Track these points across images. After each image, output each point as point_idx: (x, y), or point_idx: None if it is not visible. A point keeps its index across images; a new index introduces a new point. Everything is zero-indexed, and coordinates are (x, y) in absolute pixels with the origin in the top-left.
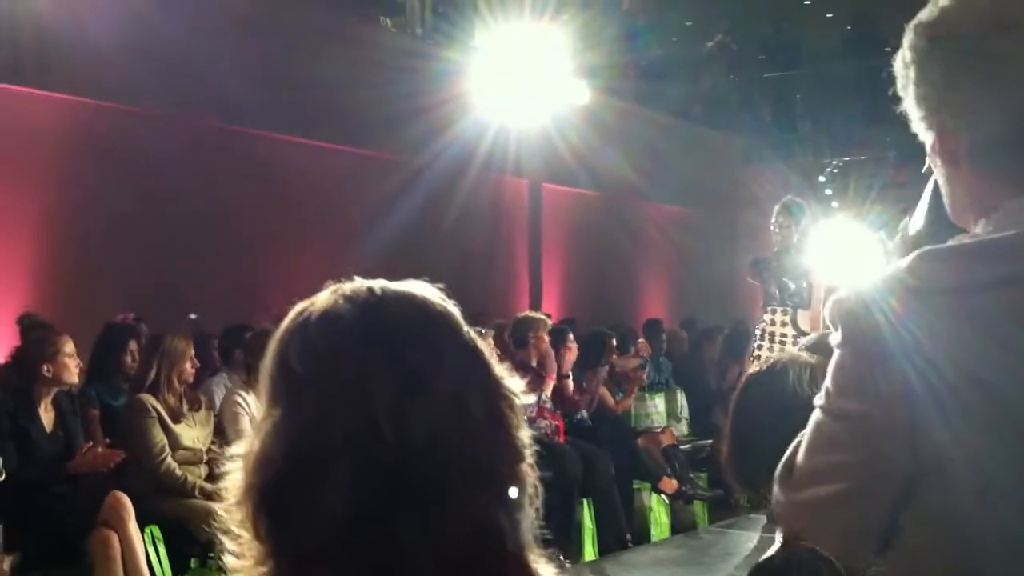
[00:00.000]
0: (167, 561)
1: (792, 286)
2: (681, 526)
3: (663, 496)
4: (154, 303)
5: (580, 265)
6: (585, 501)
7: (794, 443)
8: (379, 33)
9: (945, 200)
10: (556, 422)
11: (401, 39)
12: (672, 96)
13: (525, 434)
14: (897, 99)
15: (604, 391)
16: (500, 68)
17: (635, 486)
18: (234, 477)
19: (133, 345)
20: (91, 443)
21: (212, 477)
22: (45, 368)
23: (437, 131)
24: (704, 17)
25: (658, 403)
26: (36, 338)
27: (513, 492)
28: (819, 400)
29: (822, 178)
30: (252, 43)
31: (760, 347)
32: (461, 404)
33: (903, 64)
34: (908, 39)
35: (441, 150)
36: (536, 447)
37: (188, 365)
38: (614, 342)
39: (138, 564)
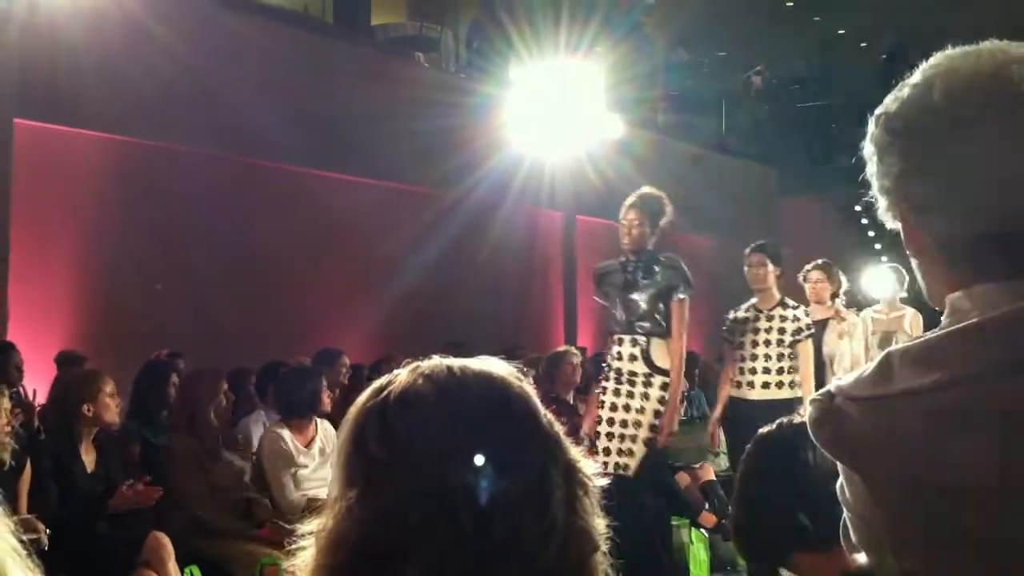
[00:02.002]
0: None
1: (643, 306)
2: (720, 563)
3: (703, 531)
4: (190, 340)
5: None
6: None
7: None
8: (414, 69)
9: (922, 286)
10: (591, 457)
11: (436, 74)
12: (705, 128)
13: (600, 522)
14: None
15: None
16: (534, 102)
17: (674, 522)
18: (305, 554)
19: (175, 379)
20: (131, 481)
21: (250, 517)
22: (86, 408)
23: (472, 165)
24: (737, 49)
25: (695, 438)
26: (76, 378)
27: None
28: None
29: (858, 208)
30: (288, 80)
31: (604, 389)
32: (540, 494)
33: (868, 153)
34: (871, 129)
35: (476, 183)
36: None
37: (224, 401)
38: None
39: None
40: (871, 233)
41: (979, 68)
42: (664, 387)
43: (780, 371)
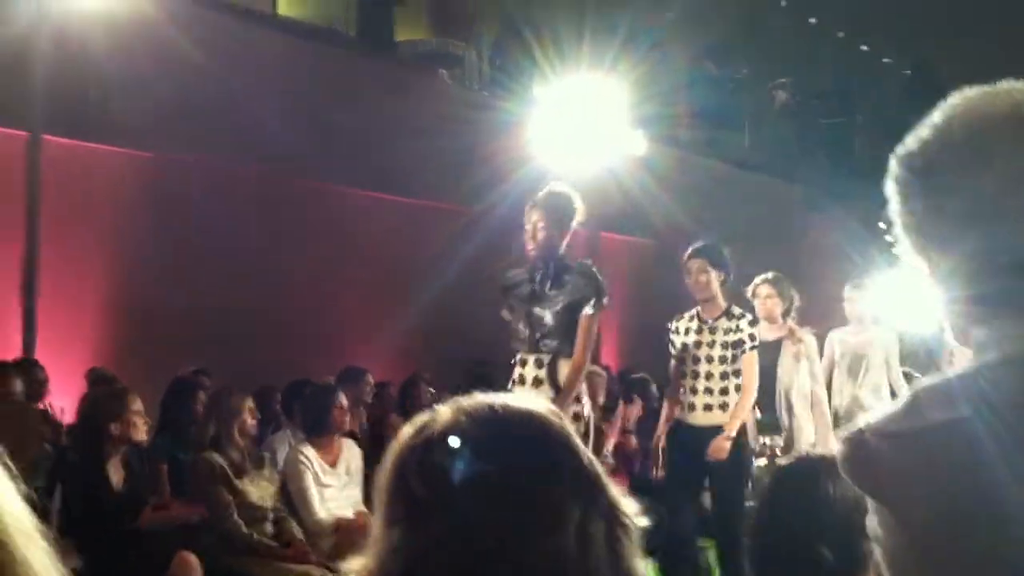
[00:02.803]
0: None
1: (550, 320)
2: None
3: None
4: (216, 357)
5: (638, 314)
6: (649, 561)
7: None
8: (438, 85)
9: (945, 322)
10: (618, 479)
11: (459, 91)
12: (729, 145)
13: (639, 564)
14: None
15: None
16: (557, 119)
17: (701, 544)
18: None
19: (202, 396)
20: (161, 500)
21: (278, 535)
22: (113, 427)
23: (495, 181)
24: (761, 65)
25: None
26: (104, 397)
27: None
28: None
29: (882, 224)
30: (313, 95)
31: None
32: (584, 535)
33: (890, 192)
34: (892, 168)
35: (499, 200)
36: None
37: (248, 418)
38: (653, 388)
39: None
40: (896, 250)
41: (996, 106)
42: (576, 417)
43: (724, 391)
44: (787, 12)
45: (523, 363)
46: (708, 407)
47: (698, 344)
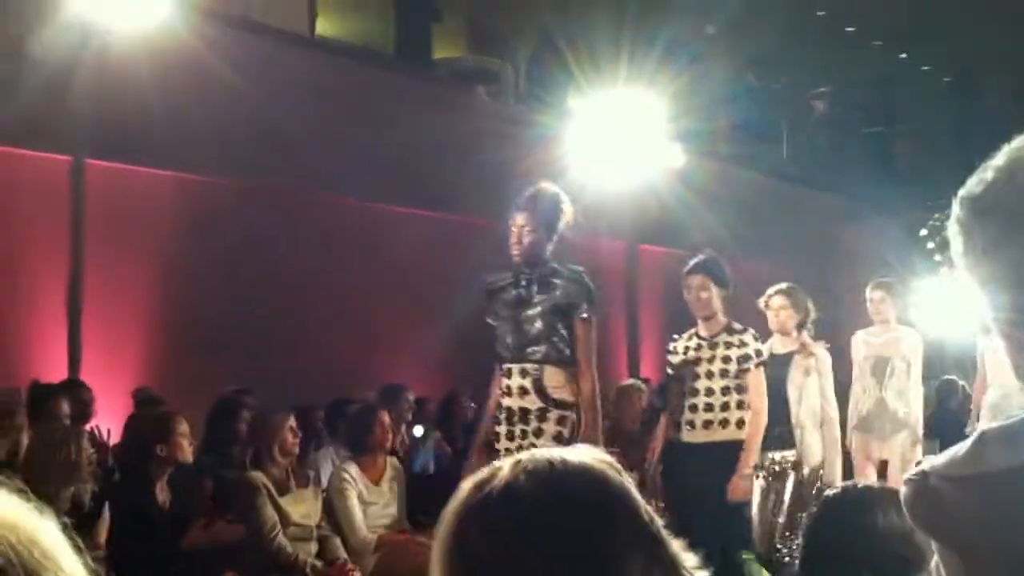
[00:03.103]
0: None
1: (537, 327)
2: None
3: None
4: (258, 374)
5: (676, 327)
6: None
7: None
8: (475, 101)
9: (1011, 365)
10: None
11: (496, 106)
12: (768, 156)
13: None
14: (999, 149)
15: None
16: (595, 132)
17: (744, 556)
18: None
19: (245, 415)
20: (206, 519)
21: (322, 554)
22: (159, 449)
23: None
24: (799, 76)
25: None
26: (150, 420)
27: None
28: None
29: (923, 231)
30: (351, 116)
31: (498, 435)
32: None
33: (953, 233)
34: (955, 210)
35: None
36: None
37: (290, 436)
38: None
39: None
40: (937, 257)
41: None
42: (561, 422)
43: (725, 407)
44: (825, 22)
45: (508, 373)
46: (708, 424)
47: (697, 361)
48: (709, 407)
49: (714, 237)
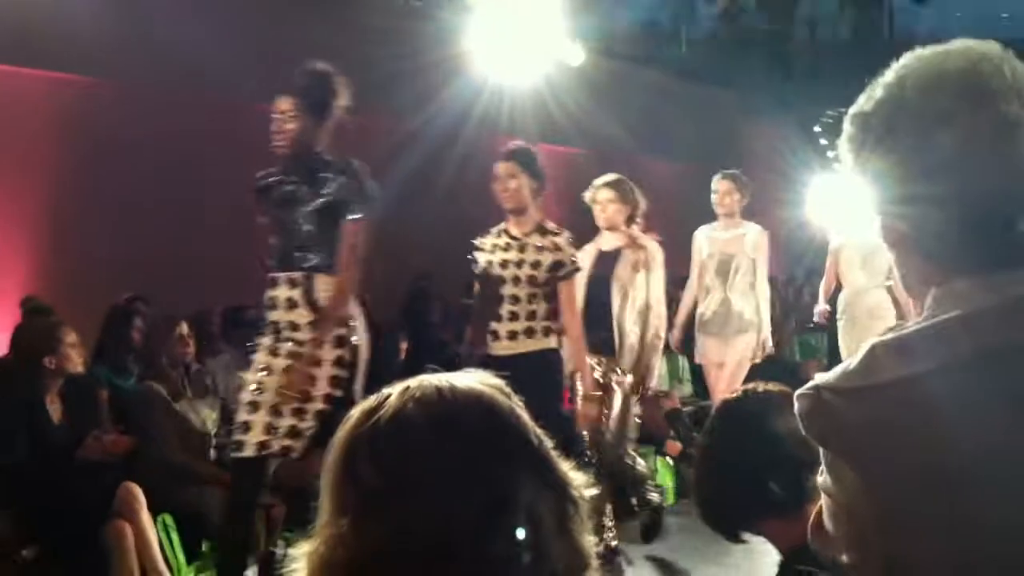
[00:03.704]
0: (180, 548)
1: (306, 228)
2: (686, 490)
3: (668, 460)
4: (151, 284)
5: (575, 225)
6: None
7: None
8: None
9: (898, 277)
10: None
11: (391, 1)
12: (666, 54)
13: (590, 540)
14: (894, 49)
15: None
16: (493, 29)
17: (640, 451)
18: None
19: (139, 323)
20: (99, 431)
21: (220, 461)
22: (48, 360)
23: (430, 93)
24: None
25: (659, 365)
26: (36, 331)
27: None
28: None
29: (817, 128)
30: (238, 11)
31: (258, 347)
32: (535, 516)
33: (844, 151)
34: (847, 128)
35: (435, 113)
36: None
37: (182, 344)
38: None
39: (152, 554)
40: (831, 153)
41: (949, 65)
42: (340, 342)
43: (532, 315)
44: None
45: (274, 283)
46: (513, 335)
47: (504, 264)
48: (514, 316)
49: (614, 135)
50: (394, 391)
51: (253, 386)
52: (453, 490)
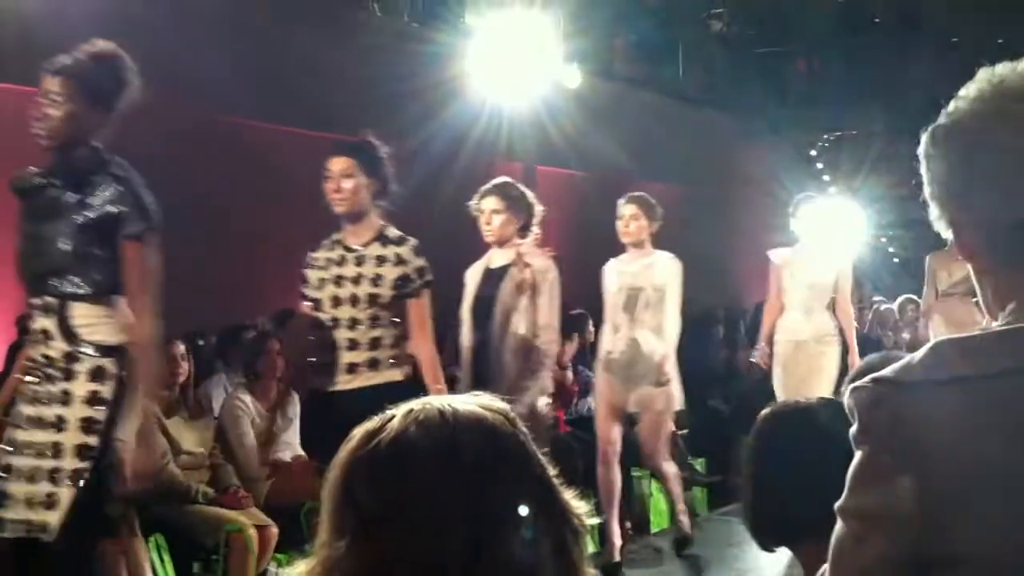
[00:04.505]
0: (172, 568)
1: (63, 245)
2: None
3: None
4: None
5: (573, 248)
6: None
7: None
8: (367, 17)
9: (979, 294)
10: (556, 413)
11: (390, 23)
12: (664, 76)
13: (589, 568)
14: (888, 75)
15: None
16: (491, 51)
17: (634, 474)
18: None
19: None
20: None
21: (214, 482)
22: None
23: (427, 115)
24: None
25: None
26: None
27: None
28: (839, 503)
29: (813, 152)
30: (236, 30)
31: (22, 393)
32: (533, 544)
33: (921, 167)
34: (923, 141)
35: (432, 135)
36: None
37: (180, 363)
38: (590, 324)
39: (143, 573)
40: (826, 177)
41: (1017, 69)
42: (98, 375)
43: (375, 344)
44: None
45: (29, 311)
46: (353, 368)
47: (339, 280)
48: (353, 345)
49: (611, 158)
50: (398, 412)
51: (7, 445)
52: (450, 517)
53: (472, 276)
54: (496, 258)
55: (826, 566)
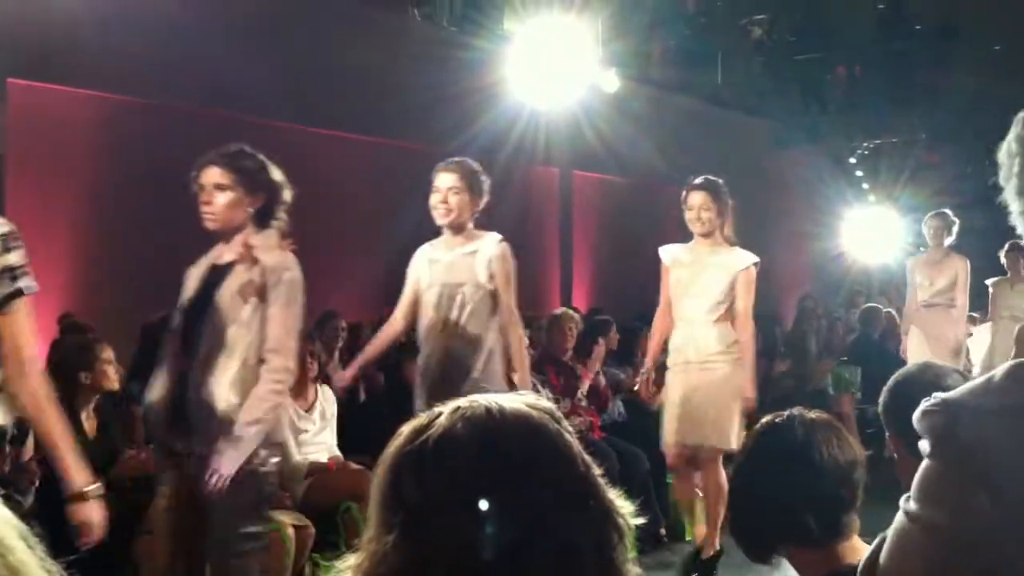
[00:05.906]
0: None
1: None
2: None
3: (697, 490)
4: None
5: (609, 253)
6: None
7: (877, 541)
8: (407, 22)
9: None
10: (591, 418)
11: (429, 28)
12: (702, 82)
13: (632, 569)
14: (928, 82)
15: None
16: (529, 57)
17: (668, 480)
18: None
19: None
20: (134, 448)
21: None
22: (83, 376)
23: (466, 121)
24: (735, 2)
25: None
26: (72, 348)
27: None
28: (907, 505)
29: (852, 160)
30: (279, 36)
31: None
32: (574, 544)
33: (1008, 155)
34: (1014, 130)
35: (470, 140)
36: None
37: None
38: (614, 328)
39: None
40: (865, 185)
41: None
42: None
43: None
44: None
45: None
46: None
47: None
48: None
49: (648, 163)
50: (445, 410)
51: None
52: (493, 515)
53: (193, 274)
54: (224, 252)
55: (867, 555)
